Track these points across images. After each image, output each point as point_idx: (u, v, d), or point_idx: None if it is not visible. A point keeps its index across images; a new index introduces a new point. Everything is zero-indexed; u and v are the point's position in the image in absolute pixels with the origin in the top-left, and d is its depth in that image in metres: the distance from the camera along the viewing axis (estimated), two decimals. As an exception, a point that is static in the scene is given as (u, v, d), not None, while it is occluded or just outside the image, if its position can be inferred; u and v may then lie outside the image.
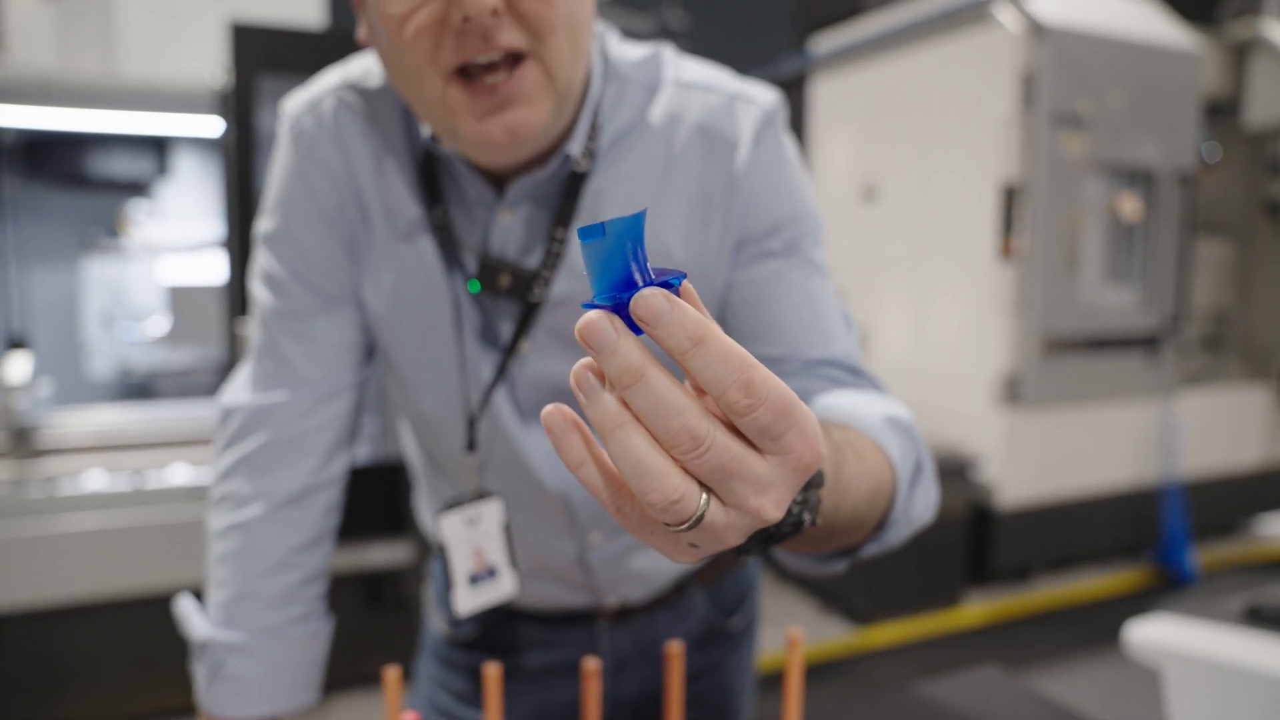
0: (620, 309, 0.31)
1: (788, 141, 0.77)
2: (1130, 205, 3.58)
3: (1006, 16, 3.33)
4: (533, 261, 0.74)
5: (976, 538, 3.51)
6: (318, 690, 0.82)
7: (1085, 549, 3.78)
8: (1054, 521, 3.61)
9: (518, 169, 0.72)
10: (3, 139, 2.87)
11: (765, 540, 0.39)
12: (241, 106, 2.26)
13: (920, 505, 0.66)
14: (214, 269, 2.81)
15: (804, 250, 0.75)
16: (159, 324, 2.82)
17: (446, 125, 0.66)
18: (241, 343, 2.25)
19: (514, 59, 0.63)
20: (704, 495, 0.33)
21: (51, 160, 2.86)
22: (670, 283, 0.31)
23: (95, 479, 2.39)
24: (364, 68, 0.78)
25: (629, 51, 0.77)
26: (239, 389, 0.80)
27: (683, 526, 0.33)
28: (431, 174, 0.74)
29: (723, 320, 0.76)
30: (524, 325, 0.74)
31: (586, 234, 0.30)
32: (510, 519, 0.83)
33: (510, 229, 0.74)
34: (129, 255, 2.99)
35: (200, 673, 0.77)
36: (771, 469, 0.33)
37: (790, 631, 0.72)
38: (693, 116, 0.75)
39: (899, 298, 3.94)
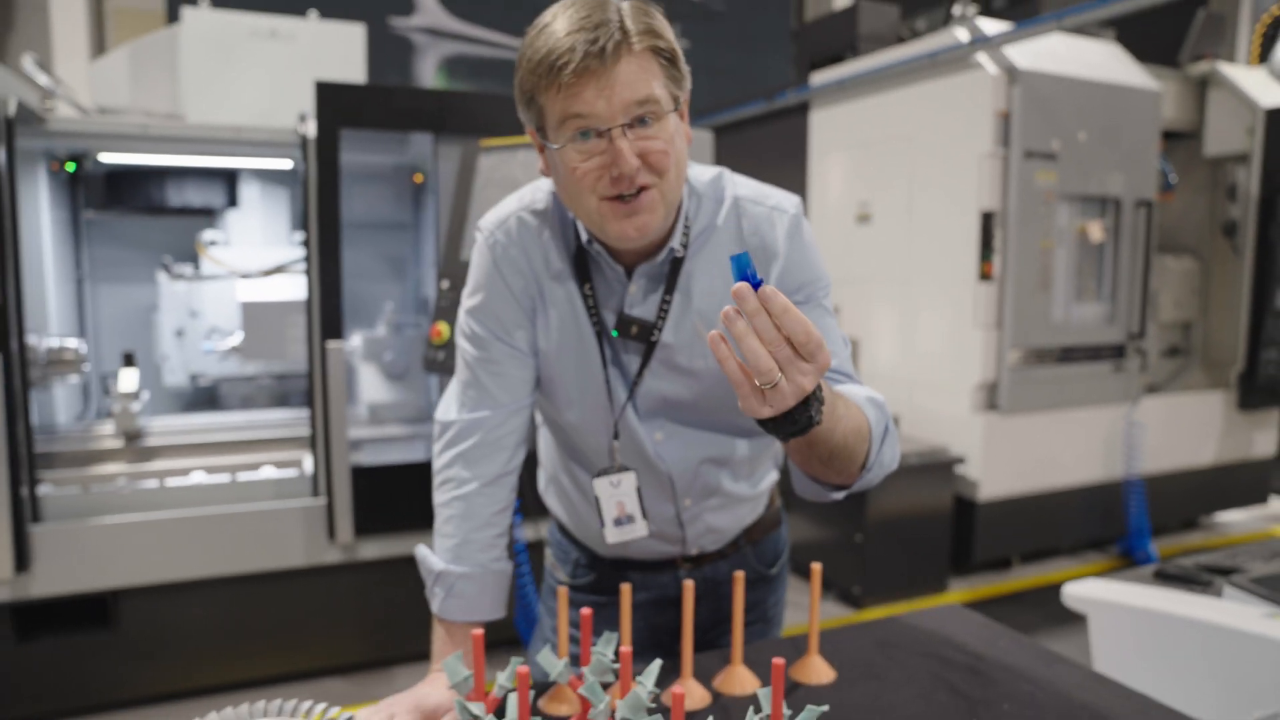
0: (749, 283, 0.74)
1: (807, 230, 1.15)
2: (1096, 230, 3.97)
3: (986, 60, 3.71)
4: (651, 317, 1.12)
5: (959, 530, 3.89)
6: (504, 608, 1.20)
7: (1058, 541, 4.17)
8: (1029, 515, 3.99)
9: (638, 258, 1.11)
10: (88, 175, 3.23)
11: (805, 425, 0.80)
12: (326, 152, 2.62)
13: (889, 456, 1.04)
14: (282, 290, 3.17)
15: (818, 299, 1.14)
16: (233, 340, 3.17)
17: (599, 225, 1.04)
18: (324, 355, 2.61)
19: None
20: (779, 374, 0.75)
21: (131, 193, 3.23)
22: (762, 281, 0.74)
23: (196, 475, 2.74)
24: (532, 194, 1.17)
25: (701, 172, 1.16)
26: (448, 408, 1.19)
27: (768, 385, 0.75)
28: (583, 263, 1.13)
29: None
30: (647, 358, 1.13)
31: (735, 259, 0.74)
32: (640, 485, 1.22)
33: (635, 297, 1.13)
34: (203, 277, 3.34)
35: (436, 594, 1.14)
36: (808, 366, 0.76)
37: (813, 565, 1.10)
38: (748, 221, 1.14)
39: (889, 312, 4.32)
